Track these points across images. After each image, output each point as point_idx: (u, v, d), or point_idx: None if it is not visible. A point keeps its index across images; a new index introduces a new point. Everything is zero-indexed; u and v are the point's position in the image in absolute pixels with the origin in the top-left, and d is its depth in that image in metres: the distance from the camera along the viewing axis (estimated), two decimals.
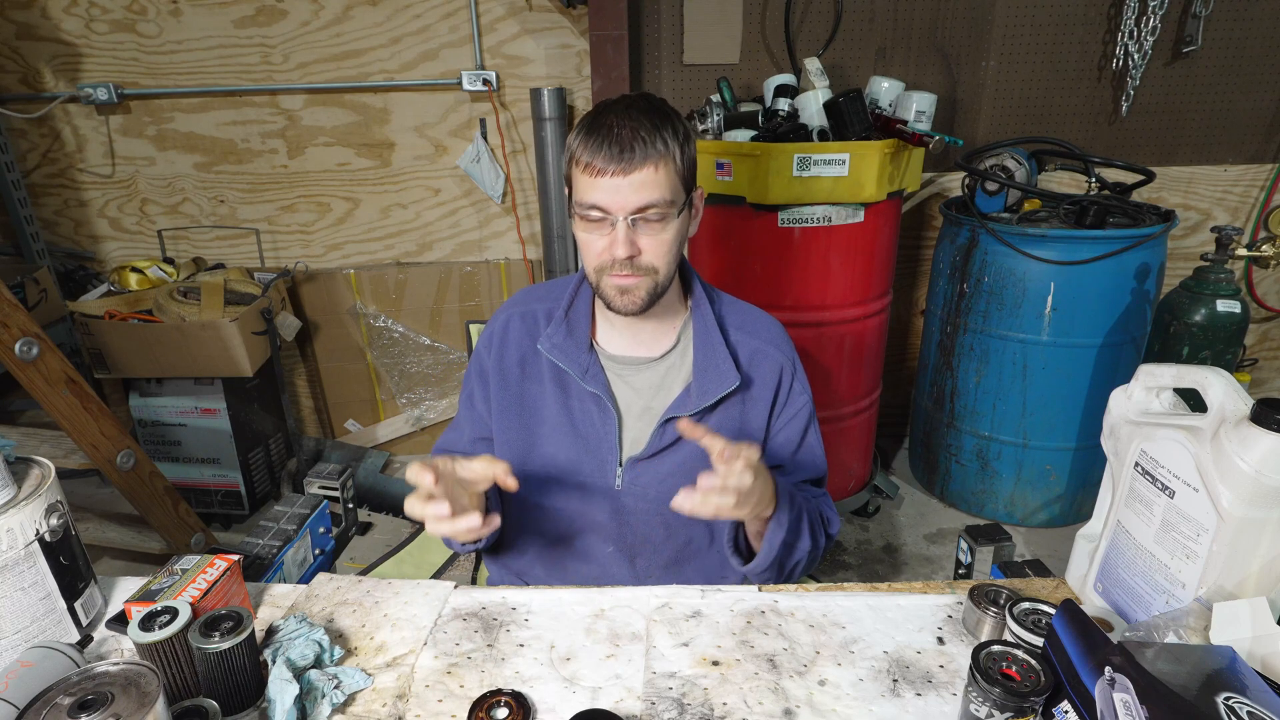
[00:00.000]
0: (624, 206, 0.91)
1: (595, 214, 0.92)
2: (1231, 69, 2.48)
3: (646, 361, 1.06)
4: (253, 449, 2.52)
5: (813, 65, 2.06)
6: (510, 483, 0.85)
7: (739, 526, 1.02)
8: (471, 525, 0.82)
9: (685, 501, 0.83)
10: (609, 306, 0.98)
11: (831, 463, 1.18)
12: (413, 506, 0.81)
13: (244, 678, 0.72)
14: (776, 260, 2.06)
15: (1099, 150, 2.55)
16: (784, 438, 1.08)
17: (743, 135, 2.05)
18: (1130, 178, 2.28)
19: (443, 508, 0.81)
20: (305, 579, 1.16)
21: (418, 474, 0.79)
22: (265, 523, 2.10)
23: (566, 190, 1.01)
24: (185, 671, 0.72)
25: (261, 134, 2.55)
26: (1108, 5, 2.41)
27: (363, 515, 2.56)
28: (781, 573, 1.01)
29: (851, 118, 1.95)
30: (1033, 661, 0.70)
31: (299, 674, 0.77)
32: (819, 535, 1.05)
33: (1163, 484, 0.80)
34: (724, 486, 0.82)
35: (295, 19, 2.41)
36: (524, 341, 1.07)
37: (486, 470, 0.85)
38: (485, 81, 2.45)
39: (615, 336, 1.06)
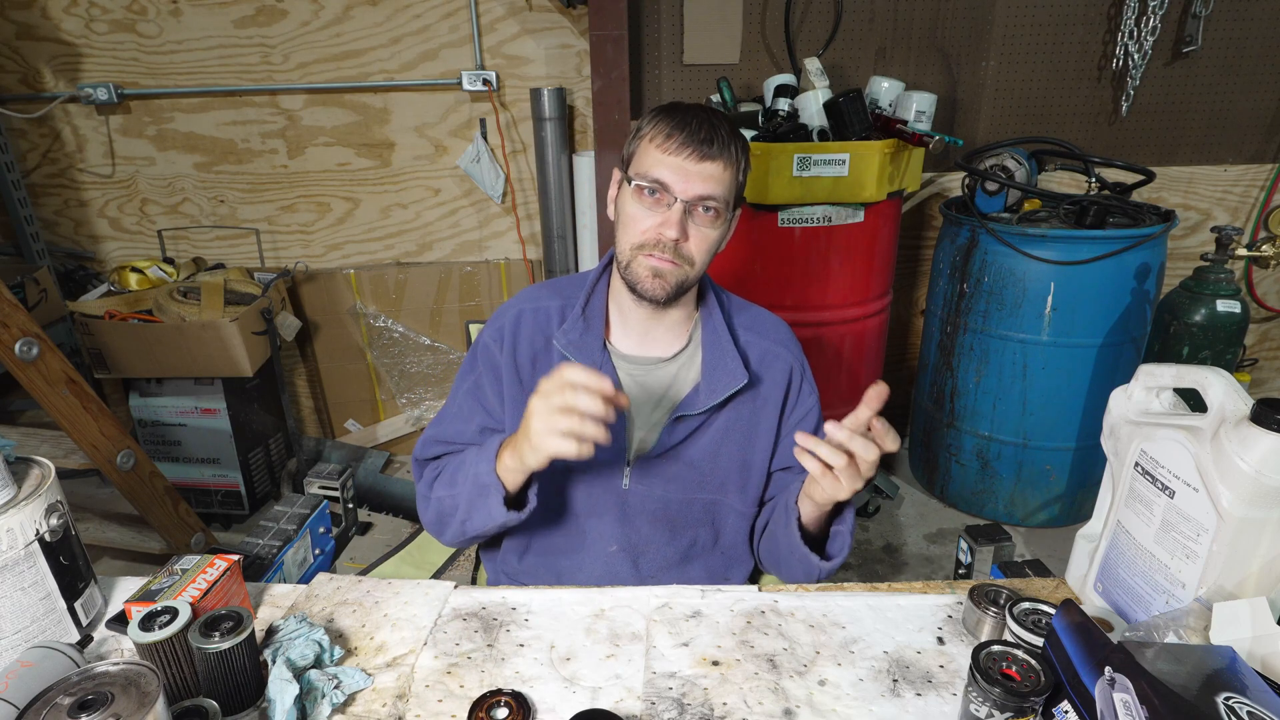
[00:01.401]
0: (686, 190, 0.93)
1: (655, 190, 0.94)
2: (1231, 69, 2.48)
3: (658, 361, 1.06)
4: (253, 449, 2.52)
5: (813, 65, 2.06)
6: (623, 399, 0.84)
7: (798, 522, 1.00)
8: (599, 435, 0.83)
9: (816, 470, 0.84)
10: (634, 288, 0.98)
11: None
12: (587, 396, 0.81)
13: (244, 678, 0.72)
14: (777, 260, 2.06)
15: (1099, 150, 2.55)
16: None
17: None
18: (1130, 178, 2.28)
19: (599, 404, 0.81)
20: (305, 579, 1.16)
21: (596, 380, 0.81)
22: (265, 523, 2.10)
23: (623, 174, 0.99)
24: (185, 671, 0.72)
25: (261, 134, 2.55)
26: (1108, 5, 2.41)
27: (363, 515, 2.56)
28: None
29: (851, 118, 1.95)
30: (1033, 661, 0.70)
31: (299, 674, 0.77)
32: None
33: (1163, 484, 0.80)
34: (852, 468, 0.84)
35: (295, 19, 2.41)
36: (536, 338, 1.06)
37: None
38: (485, 81, 2.45)
39: (628, 336, 1.06)
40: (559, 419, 0.82)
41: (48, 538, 0.81)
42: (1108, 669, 0.64)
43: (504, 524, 0.98)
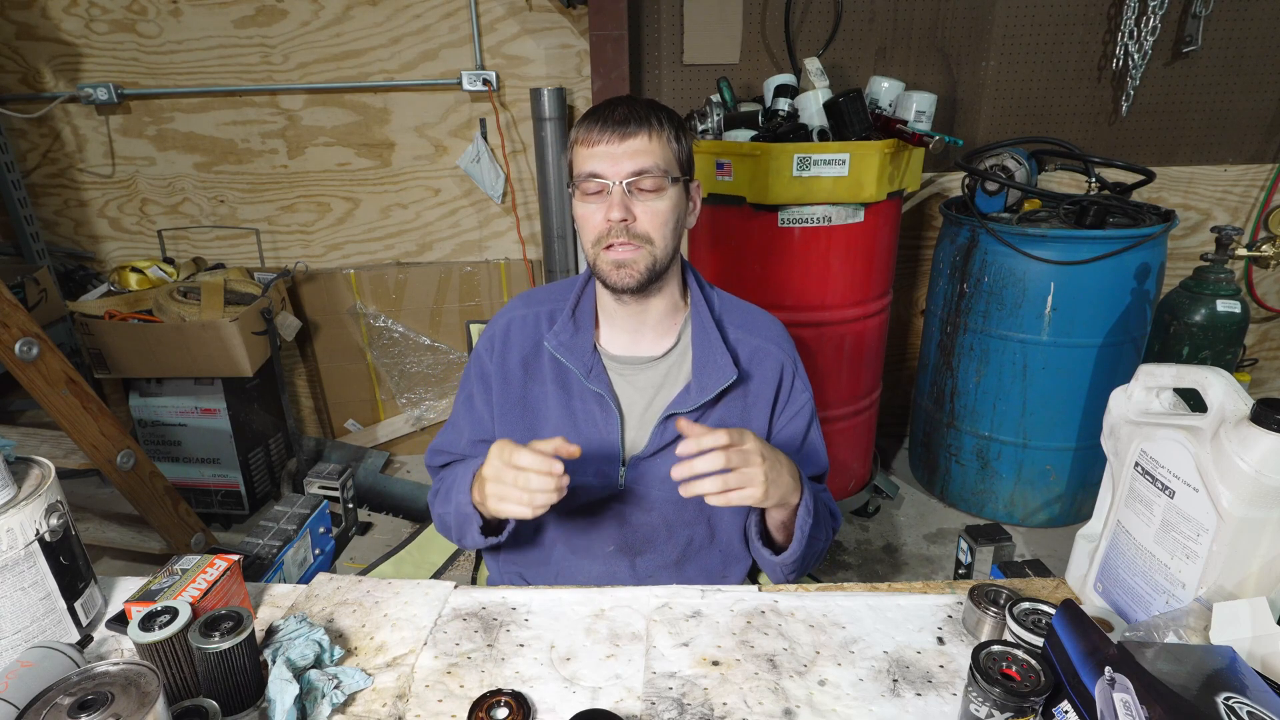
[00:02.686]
0: (619, 171, 0.94)
1: (593, 183, 0.95)
2: (1231, 69, 2.48)
3: (648, 361, 1.06)
4: (253, 449, 2.52)
5: (813, 65, 2.06)
6: (573, 449, 0.88)
7: (761, 521, 1.02)
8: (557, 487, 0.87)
9: (710, 491, 0.85)
10: (606, 284, 0.99)
11: (832, 463, 1.18)
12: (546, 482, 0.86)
13: (244, 678, 0.72)
14: (777, 260, 2.06)
15: (1099, 150, 2.55)
16: (787, 435, 1.09)
17: (743, 135, 2.05)
18: (1130, 178, 2.28)
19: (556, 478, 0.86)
20: (305, 579, 1.16)
21: (544, 462, 0.85)
22: (265, 523, 2.10)
23: (569, 184, 1.02)
24: (185, 671, 0.72)
25: (261, 134, 2.55)
26: (1108, 5, 2.41)
27: (363, 515, 2.56)
28: (803, 564, 1.02)
29: (851, 118, 1.95)
30: (1033, 661, 0.70)
31: (299, 674, 0.77)
32: (829, 528, 1.06)
33: (1163, 484, 0.80)
34: (743, 472, 0.85)
35: (295, 19, 2.41)
36: (526, 343, 1.07)
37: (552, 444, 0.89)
38: (485, 81, 2.45)
39: (617, 336, 1.06)
40: (509, 493, 0.88)
41: (48, 538, 0.81)
42: (1108, 669, 0.64)
43: (489, 544, 1.03)
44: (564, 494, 0.87)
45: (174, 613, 0.73)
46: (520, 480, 0.86)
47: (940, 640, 0.86)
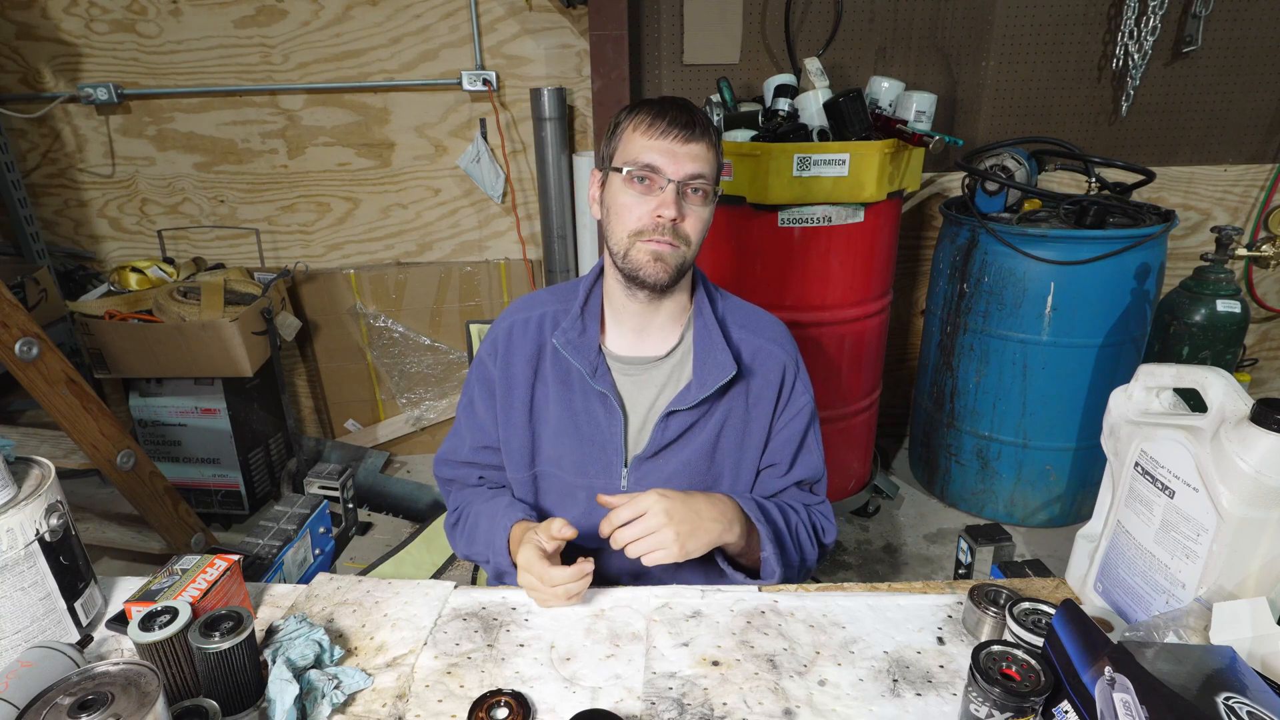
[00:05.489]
0: (678, 171, 0.95)
1: (647, 175, 0.96)
2: (1231, 69, 2.48)
3: (652, 361, 1.06)
4: (253, 449, 2.52)
5: (813, 65, 2.06)
6: (568, 532, 0.91)
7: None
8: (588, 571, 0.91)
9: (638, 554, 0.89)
10: (635, 276, 0.99)
11: (831, 463, 1.18)
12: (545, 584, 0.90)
13: (244, 678, 0.72)
14: (776, 260, 2.06)
15: (1099, 150, 2.55)
16: (785, 436, 1.09)
17: (743, 135, 2.05)
18: (1130, 178, 2.28)
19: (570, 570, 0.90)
20: (305, 579, 1.17)
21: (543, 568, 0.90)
22: (265, 523, 2.10)
23: (601, 172, 1.03)
24: (185, 671, 0.72)
25: (261, 134, 2.55)
26: (1108, 5, 2.41)
27: (363, 515, 2.56)
28: (787, 577, 1.02)
29: (851, 118, 1.95)
30: (1033, 661, 0.70)
31: (299, 674, 0.77)
32: (811, 545, 1.07)
33: (1163, 484, 0.80)
34: (653, 537, 0.88)
35: (295, 19, 2.41)
36: (529, 346, 1.07)
37: (554, 535, 0.92)
38: (485, 81, 2.45)
39: (623, 336, 1.07)
40: (548, 600, 0.92)
41: (48, 538, 0.81)
42: (1108, 669, 0.64)
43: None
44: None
45: (174, 613, 0.73)
46: (559, 592, 0.90)
47: (940, 640, 0.86)
